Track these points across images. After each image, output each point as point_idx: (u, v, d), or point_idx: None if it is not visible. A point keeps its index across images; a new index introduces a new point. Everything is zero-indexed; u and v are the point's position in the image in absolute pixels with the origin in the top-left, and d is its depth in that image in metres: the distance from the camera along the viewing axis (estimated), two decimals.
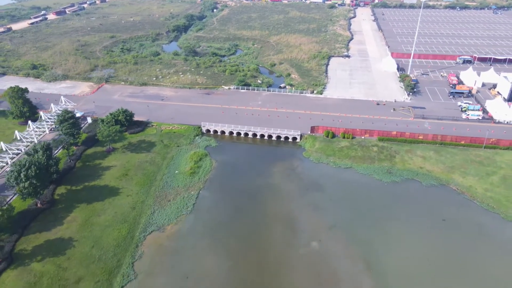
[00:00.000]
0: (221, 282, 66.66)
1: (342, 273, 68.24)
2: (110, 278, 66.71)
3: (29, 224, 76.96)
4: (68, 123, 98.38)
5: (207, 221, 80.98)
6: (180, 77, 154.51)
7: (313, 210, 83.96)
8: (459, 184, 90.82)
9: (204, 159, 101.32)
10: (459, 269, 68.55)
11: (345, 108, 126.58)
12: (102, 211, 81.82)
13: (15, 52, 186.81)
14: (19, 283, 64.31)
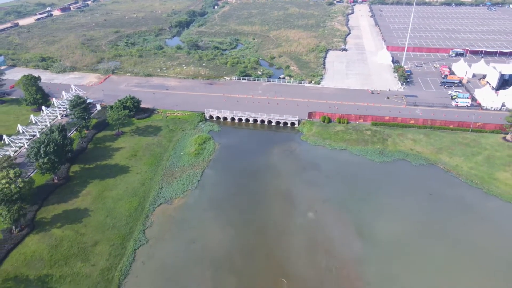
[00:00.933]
0: (225, 246, 73.12)
1: (335, 238, 74.74)
2: (124, 242, 73.25)
3: (48, 197, 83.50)
4: (80, 108, 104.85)
5: (211, 195, 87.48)
6: (184, 68, 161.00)
7: (310, 186, 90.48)
8: (446, 164, 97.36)
9: (208, 142, 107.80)
10: (442, 235, 75.00)
11: (341, 96, 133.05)
12: (114, 186, 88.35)
13: (23, 45, 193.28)
14: (42, 246, 70.82)
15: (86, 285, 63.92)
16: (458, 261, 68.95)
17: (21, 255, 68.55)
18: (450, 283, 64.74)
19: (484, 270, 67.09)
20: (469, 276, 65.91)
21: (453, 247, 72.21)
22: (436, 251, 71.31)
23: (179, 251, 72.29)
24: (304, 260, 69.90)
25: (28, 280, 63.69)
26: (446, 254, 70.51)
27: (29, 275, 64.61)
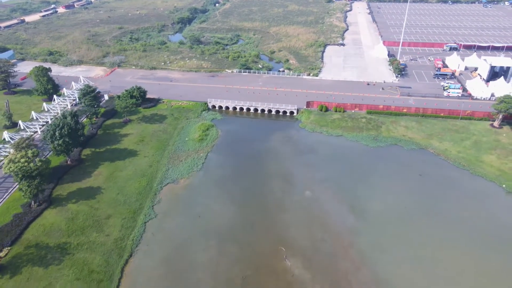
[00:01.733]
0: (228, 220, 78.92)
1: (330, 213, 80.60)
2: (135, 216, 79.12)
3: (62, 177, 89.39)
4: (90, 96, 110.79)
5: (215, 176, 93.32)
6: (187, 62, 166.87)
7: (307, 168, 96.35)
8: (436, 148, 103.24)
9: (211, 129, 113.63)
10: (429, 210, 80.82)
11: (338, 87, 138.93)
12: (124, 168, 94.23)
13: (31, 41, 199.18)
14: (59, 218, 76.68)
15: (102, 252, 69.78)
16: (443, 233, 74.70)
17: (40, 226, 74.43)
18: (435, 251, 70.50)
19: (466, 240, 72.87)
20: (452, 245, 71.67)
21: (439, 220, 78.02)
22: (423, 223, 77.17)
23: (186, 224, 78.13)
24: (301, 232, 75.71)
25: (48, 247, 69.53)
26: (432, 226, 76.32)
27: (49, 243, 70.45)
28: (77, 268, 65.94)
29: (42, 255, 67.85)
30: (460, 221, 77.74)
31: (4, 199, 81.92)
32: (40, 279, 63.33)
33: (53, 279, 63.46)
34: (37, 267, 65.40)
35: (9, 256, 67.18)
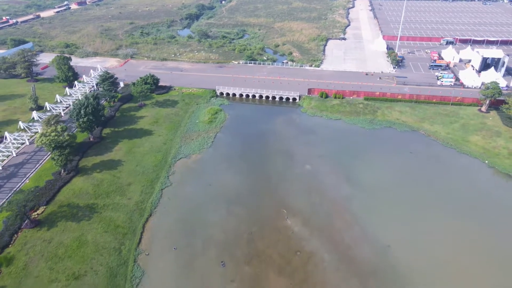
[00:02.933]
0: (235, 188, 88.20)
1: (327, 184, 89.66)
2: (152, 184, 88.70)
3: (86, 151, 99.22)
4: (108, 82, 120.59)
5: (223, 152, 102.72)
6: (195, 54, 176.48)
7: (307, 146, 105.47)
8: (427, 130, 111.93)
9: (219, 113, 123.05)
10: (417, 181, 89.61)
11: (338, 77, 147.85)
12: (141, 144, 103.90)
13: (47, 35, 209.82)
14: (87, 184, 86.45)
15: (125, 211, 79.41)
16: (429, 198, 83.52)
17: (70, 190, 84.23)
18: (420, 213, 79.31)
19: (450, 204, 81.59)
20: (436, 208, 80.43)
21: (426, 189, 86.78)
22: (411, 191, 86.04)
23: (198, 191, 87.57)
24: (301, 198, 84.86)
25: (79, 207, 79.23)
26: (419, 194, 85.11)
27: (79, 203, 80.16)
28: (105, 223, 75.62)
29: (74, 212, 77.61)
30: (445, 189, 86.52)
31: (36, 169, 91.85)
32: (74, 231, 73.04)
33: (84, 231, 73.17)
34: (70, 222, 75.15)
35: (45, 214, 76.96)
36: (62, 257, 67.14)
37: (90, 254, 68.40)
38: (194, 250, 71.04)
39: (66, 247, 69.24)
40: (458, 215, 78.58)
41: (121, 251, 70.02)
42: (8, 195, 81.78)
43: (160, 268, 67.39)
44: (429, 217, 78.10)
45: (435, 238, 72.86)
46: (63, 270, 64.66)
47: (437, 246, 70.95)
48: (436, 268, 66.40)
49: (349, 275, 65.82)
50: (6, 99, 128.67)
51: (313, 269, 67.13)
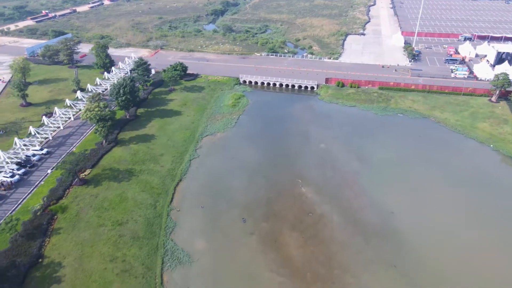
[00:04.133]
0: (256, 161, 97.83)
1: (339, 160, 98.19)
2: (182, 156, 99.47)
3: (124, 126, 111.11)
4: (142, 67, 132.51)
5: (245, 132, 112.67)
6: (220, 46, 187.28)
7: (323, 128, 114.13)
8: (437, 117, 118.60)
9: (242, 98, 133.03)
10: (424, 160, 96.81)
11: (355, 69, 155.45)
12: (171, 123, 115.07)
13: (83, 27, 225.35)
14: (125, 153, 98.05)
15: (158, 176, 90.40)
16: (434, 174, 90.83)
17: (111, 158, 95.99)
18: (423, 186, 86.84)
19: (453, 179, 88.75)
20: (440, 183, 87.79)
21: (432, 167, 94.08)
22: (417, 168, 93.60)
23: (222, 162, 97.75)
24: (315, 171, 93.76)
25: (119, 170, 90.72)
26: (425, 170, 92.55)
27: (119, 168, 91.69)
28: (142, 184, 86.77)
29: (115, 175, 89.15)
30: (448, 167, 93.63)
31: (80, 140, 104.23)
32: (116, 189, 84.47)
33: (125, 189, 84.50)
34: (112, 182, 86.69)
35: (91, 175, 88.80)
36: (107, 208, 78.58)
37: (130, 207, 79.57)
38: (218, 209, 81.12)
39: (110, 201, 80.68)
40: (457, 189, 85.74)
41: (156, 207, 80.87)
42: (58, 160, 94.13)
43: (190, 222, 77.79)
44: (431, 190, 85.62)
45: (435, 207, 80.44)
46: (108, 218, 76.01)
47: (436, 214, 78.54)
48: (432, 231, 74.08)
49: (354, 234, 74.41)
50: (51, 82, 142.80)
51: (322, 228, 76.09)
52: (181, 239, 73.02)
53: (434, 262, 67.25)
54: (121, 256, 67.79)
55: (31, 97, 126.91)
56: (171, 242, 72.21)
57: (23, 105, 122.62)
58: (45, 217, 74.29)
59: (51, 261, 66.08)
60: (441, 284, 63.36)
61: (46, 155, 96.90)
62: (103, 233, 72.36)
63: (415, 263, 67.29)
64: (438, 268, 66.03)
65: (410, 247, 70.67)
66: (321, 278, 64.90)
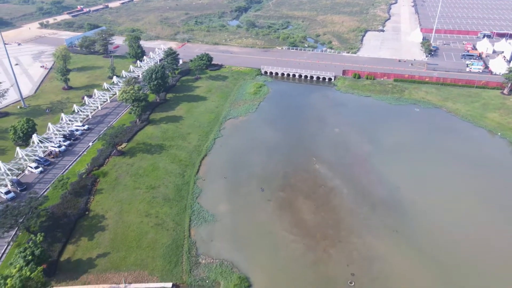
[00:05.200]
0: (274, 141, 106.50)
1: (352, 143, 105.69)
2: (207, 135, 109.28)
3: (154, 108, 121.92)
4: (171, 57, 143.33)
5: (266, 116, 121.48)
6: (243, 40, 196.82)
7: (337, 115, 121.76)
8: (449, 108, 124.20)
9: (263, 87, 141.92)
10: (432, 145, 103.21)
11: (372, 62, 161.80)
12: (197, 107, 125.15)
13: (115, 22, 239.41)
14: (156, 131, 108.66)
15: (186, 151, 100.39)
16: (441, 157, 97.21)
17: (144, 134, 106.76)
18: (430, 167, 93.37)
19: (460, 162, 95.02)
20: (446, 165, 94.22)
21: (440, 151, 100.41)
22: (425, 152, 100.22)
23: (244, 141, 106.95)
24: (329, 151, 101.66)
25: (151, 145, 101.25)
26: (433, 154, 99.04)
27: (151, 143, 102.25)
28: (171, 157, 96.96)
29: (148, 148, 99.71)
30: (455, 151, 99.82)
31: (116, 119, 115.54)
32: (148, 160, 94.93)
33: (156, 160, 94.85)
34: (145, 154, 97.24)
35: (127, 148, 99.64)
36: (142, 175, 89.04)
37: (161, 175, 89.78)
38: (239, 180, 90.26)
39: (144, 169, 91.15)
40: (461, 169, 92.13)
41: (184, 176, 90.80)
42: (97, 135, 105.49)
43: (214, 189, 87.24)
44: (436, 170, 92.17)
45: (438, 184, 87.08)
46: (143, 183, 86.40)
47: (438, 190, 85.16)
48: (434, 204, 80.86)
49: (361, 204, 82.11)
50: (88, 69, 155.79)
51: (333, 198, 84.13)
52: (206, 203, 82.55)
53: (433, 229, 74.21)
54: (154, 213, 77.89)
55: (71, 82, 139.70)
56: (198, 204, 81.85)
57: (65, 88, 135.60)
58: (89, 180, 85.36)
59: (95, 214, 76.85)
60: (437, 247, 70.33)
61: (87, 130, 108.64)
62: (138, 194, 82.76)
63: (415, 230, 74.46)
64: (436, 235, 73.02)
65: (412, 216, 77.85)
66: (329, 237, 73.09)
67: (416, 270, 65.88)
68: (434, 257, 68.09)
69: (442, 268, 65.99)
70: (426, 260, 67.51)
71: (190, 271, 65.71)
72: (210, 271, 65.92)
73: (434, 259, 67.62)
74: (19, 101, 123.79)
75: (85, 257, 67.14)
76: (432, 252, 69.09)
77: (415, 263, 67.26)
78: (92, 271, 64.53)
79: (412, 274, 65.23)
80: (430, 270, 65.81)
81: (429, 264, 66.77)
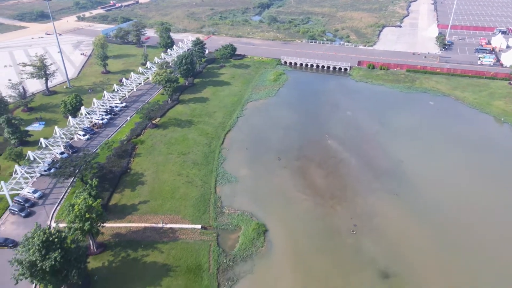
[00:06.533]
0: (291, 121, 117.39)
1: (363, 123, 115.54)
2: (231, 114, 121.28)
3: (183, 91, 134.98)
4: (199, 46, 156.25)
5: (284, 100, 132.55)
6: (265, 33, 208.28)
7: (351, 100, 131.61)
8: (457, 96, 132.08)
9: (283, 75, 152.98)
10: (439, 128, 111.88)
11: (387, 55, 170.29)
12: (222, 90, 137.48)
13: (145, 16, 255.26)
14: (185, 109, 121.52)
15: (212, 126, 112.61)
16: (445, 138, 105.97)
17: (175, 111, 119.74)
18: (432, 145, 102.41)
19: (463, 144, 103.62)
20: (447, 144, 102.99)
21: (445, 133, 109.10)
22: (431, 133, 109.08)
23: (264, 120, 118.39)
24: (342, 130, 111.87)
25: (181, 120, 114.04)
26: (437, 135, 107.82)
27: (181, 119, 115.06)
28: (199, 131, 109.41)
29: (178, 123, 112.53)
30: (458, 132, 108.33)
31: (150, 99, 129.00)
32: (179, 132, 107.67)
33: (186, 133, 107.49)
34: (176, 127, 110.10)
35: (160, 122, 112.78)
36: (173, 144, 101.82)
37: (190, 144, 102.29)
38: (259, 151, 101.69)
39: (176, 139, 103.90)
40: (462, 147, 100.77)
41: (210, 146, 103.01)
42: (133, 112, 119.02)
43: (236, 157, 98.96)
44: (439, 147, 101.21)
45: (440, 159, 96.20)
46: (175, 150, 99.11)
47: (439, 164, 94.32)
48: (433, 174, 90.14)
49: (367, 172, 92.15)
50: (123, 57, 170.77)
51: (342, 167, 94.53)
52: (229, 168, 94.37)
53: (430, 195, 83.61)
54: (185, 173, 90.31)
55: (109, 67, 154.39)
56: (222, 168, 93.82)
57: (103, 72, 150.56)
58: (129, 146, 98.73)
59: (136, 172, 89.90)
60: (432, 209, 79.76)
61: (124, 107, 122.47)
62: (171, 159, 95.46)
63: (414, 195, 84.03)
64: (432, 199, 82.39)
65: (412, 184, 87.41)
66: (336, 197, 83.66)
67: (410, 225, 75.74)
68: (428, 216, 77.69)
69: (433, 224, 75.59)
70: (420, 218, 77.23)
71: (215, 218, 77.66)
72: (232, 218, 77.69)
73: (427, 217, 77.25)
74: (65, 82, 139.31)
75: (129, 203, 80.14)
76: (426, 212, 78.66)
77: (410, 219, 77.10)
78: (135, 213, 77.42)
79: (406, 227, 75.14)
80: (422, 225, 75.56)
81: (422, 221, 76.49)
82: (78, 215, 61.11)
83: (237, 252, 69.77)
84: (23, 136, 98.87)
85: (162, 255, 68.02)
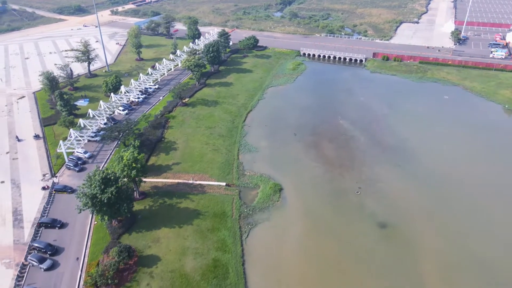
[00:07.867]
0: (308, 104, 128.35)
1: (374, 108, 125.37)
2: (252, 97, 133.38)
3: (209, 76, 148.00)
4: (224, 36, 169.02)
5: (302, 86, 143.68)
6: (286, 28, 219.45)
7: (364, 88, 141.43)
8: (466, 85, 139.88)
9: (301, 65, 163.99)
10: (446, 113, 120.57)
11: (402, 48, 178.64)
12: (244, 77, 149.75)
13: (173, 11, 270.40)
14: (211, 92, 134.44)
15: (235, 106, 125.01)
16: (451, 122, 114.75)
17: (202, 93, 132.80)
18: (437, 126, 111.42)
19: (468, 127, 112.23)
20: (451, 126, 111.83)
21: (447, 115, 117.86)
22: (436, 115, 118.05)
23: (282, 103, 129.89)
24: (353, 113, 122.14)
25: (208, 100, 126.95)
26: (444, 118, 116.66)
27: (208, 99, 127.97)
28: (223, 109, 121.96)
29: (205, 102, 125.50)
30: (465, 117, 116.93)
31: (178, 82, 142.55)
32: (206, 110, 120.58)
33: (212, 111, 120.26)
34: (204, 106, 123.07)
35: (189, 101, 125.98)
36: (201, 119, 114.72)
37: (216, 120, 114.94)
38: (277, 127, 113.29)
39: (203, 116, 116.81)
40: (466, 128, 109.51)
41: (234, 122, 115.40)
42: (165, 93, 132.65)
43: (256, 132, 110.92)
44: (443, 128, 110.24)
45: (443, 138, 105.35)
46: (202, 124, 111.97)
47: (442, 142, 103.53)
48: (435, 150, 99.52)
49: (374, 147, 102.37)
50: (154, 46, 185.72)
51: (351, 142, 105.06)
52: (250, 140, 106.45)
53: (431, 166, 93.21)
54: (212, 143, 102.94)
55: (142, 55, 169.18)
56: (244, 140, 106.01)
57: (137, 59, 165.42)
58: (163, 119, 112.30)
59: (169, 140, 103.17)
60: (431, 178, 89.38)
61: (157, 89, 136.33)
62: (199, 131, 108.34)
63: (416, 166, 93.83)
64: (432, 170, 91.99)
65: (415, 157, 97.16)
66: (344, 166, 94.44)
67: (409, 189, 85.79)
68: (426, 182, 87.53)
69: (431, 189, 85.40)
70: (419, 184, 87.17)
71: (238, 178, 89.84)
72: (252, 179, 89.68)
73: (426, 184, 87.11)
74: (104, 67, 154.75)
75: (164, 164, 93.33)
76: (426, 180, 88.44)
77: (409, 185, 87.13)
78: (169, 171, 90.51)
79: (405, 191, 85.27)
80: (420, 189, 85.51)
81: (421, 186, 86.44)
82: (126, 164, 74.34)
83: (256, 204, 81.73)
84: (72, 109, 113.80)
85: (193, 203, 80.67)
